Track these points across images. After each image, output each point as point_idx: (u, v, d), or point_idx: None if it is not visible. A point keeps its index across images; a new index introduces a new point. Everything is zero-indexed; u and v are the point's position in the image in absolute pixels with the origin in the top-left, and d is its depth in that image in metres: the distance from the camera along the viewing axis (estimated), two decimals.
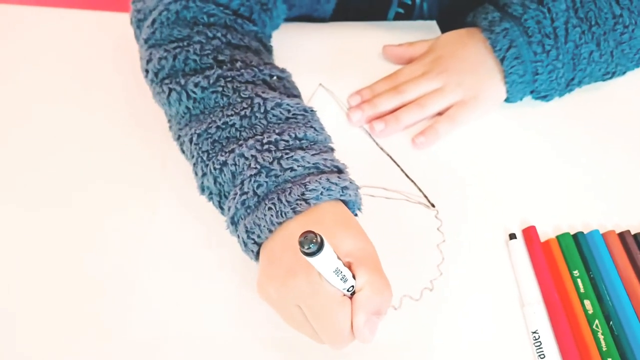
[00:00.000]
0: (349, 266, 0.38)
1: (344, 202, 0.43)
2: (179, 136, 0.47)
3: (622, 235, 0.49)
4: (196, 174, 0.45)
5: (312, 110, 0.47)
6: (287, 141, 0.43)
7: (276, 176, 0.41)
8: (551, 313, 0.46)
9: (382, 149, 0.55)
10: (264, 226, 0.40)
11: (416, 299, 0.46)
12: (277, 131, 0.43)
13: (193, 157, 0.45)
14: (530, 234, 0.50)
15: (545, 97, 0.57)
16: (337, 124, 0.57)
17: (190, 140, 0.45)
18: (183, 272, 0.47)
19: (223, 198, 0.44)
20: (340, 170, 0.44)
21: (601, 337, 0.44)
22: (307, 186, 0.40)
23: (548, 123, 0.58)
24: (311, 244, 0.31)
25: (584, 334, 0.44)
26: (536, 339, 0.44)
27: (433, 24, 0.66)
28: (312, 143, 0.44)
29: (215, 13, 0.49)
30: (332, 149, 0.47)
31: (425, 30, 0.64)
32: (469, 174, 0.54)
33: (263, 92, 0.45)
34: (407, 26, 0.65)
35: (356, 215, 0.44)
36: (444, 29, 0.64)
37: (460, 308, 0.46)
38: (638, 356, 0.43)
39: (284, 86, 0.48)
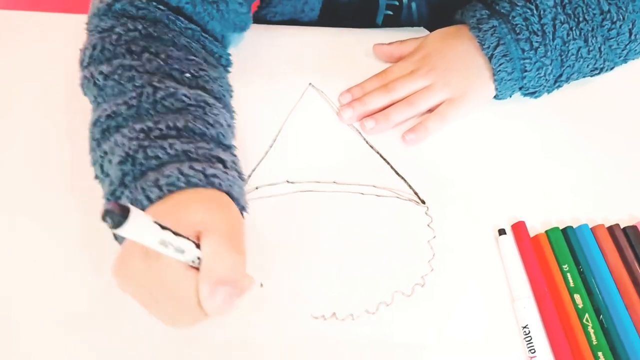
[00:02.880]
0: (198, 235, 0.36)
1: (231, 197, 0.41)
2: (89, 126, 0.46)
3: (611, 229, 0.49)
4: (91, 162, 0.45)
5: (215, 105, 0.46)
6: (162, 129, 0.41)
7: (141, 165, 0.40)
8: (541, 308, 0.46)
9: (372, 146, 0.55)
10: None
11: (408, 295, 0.46)
12: (155, 120, 0.42)
13: (89, 145, 0.45)
14: (519, 229, 0.50)
15: (533, 94, 0.57)
16: (327, 123, 0.57)
17: (89, 129, 0.45)
18: None
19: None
20: (220, 161, 0.42)
21: (591, 330, 0.44)
22: (163, 172, 0.39)
23: (537, 119, 0.58)
24: (111, 215, 0.28)
25: (574, 328, 0.44)
26: (526, 334, 0.44)
27: (423, 30, 0.66)
28: (194, 134, 0.43)
29: (144, 7, 0.49)
30: (226, 146, 0.45)
31: (415, 35, 0.64)
32: (459, 170, 0.54)
33: (158, 82, 0.44)
34: (396, 30, 0.65)
35: (241, 214, 0.43)
36: (435, 27, 0.64)
37: (451, 303, 0.46)
38: (628, 349, 0.43)
39: (196, 84, 0.47)
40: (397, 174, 0.53)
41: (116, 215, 0.28)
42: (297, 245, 0.49)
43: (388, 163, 0.54)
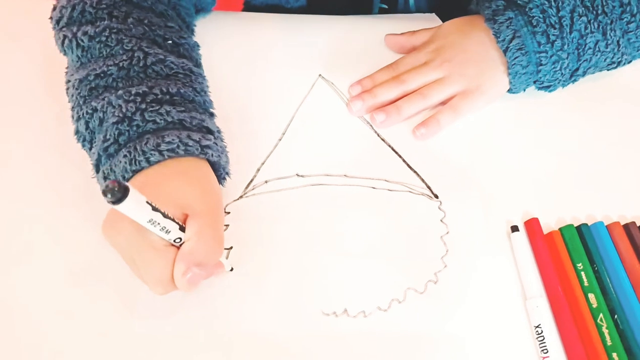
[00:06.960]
0: (184, 218, 0.40)
1: (212, 163, 0.45)
2: (68, 81, 0.48)
3: (627, 227, 0.48)
4: (72, 117, 0.47)
5: (199, 73, 0.50)
6: (157, 95, 0.44)
7: (138, 126, 0.43)
8: (554, 307, 0.45)
9: (383, 140, 0.54)
10: (119, 173, 0.42)
11: (421, 292, 0.46)
12: (149, 85, 0.45)
13: (73, 101, 0.47)
14: (532, 226, 0.49)
15: (548, 88, 0.56)
16: (338, 115, 0.56)
17: (73, 85, 0.47)
18: None
19: (93, 144, 0.45)
20: (209, 131, 0.46)
21: (606, 331, 0.43)
22: (164, 138, 0.42)
23: (551, 114, 0.57)
24: (112, 192, 0.32)
25: (588, 328, 0.44)
26: (539, 334, 0.44)
27: (434, 16, 0.65)
28: (185, 101, 0.46)
29: None
30: (211, 114, 0.49)
31: (426, 22, 0.63)
32: (472, 165, 0.53)
33: (147, 47, 0.47)
34: (408, 18, 0.64)
35: (224, 179, 0.47)
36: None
37: (463, 301, 0.46)
38: None
39: (179, 52, 0.50)
40: (410, 167, 0.52)
41: (116, 192, 0.32)
42: (307, 240, 0.48)
43: (400, 156, 0.53)
